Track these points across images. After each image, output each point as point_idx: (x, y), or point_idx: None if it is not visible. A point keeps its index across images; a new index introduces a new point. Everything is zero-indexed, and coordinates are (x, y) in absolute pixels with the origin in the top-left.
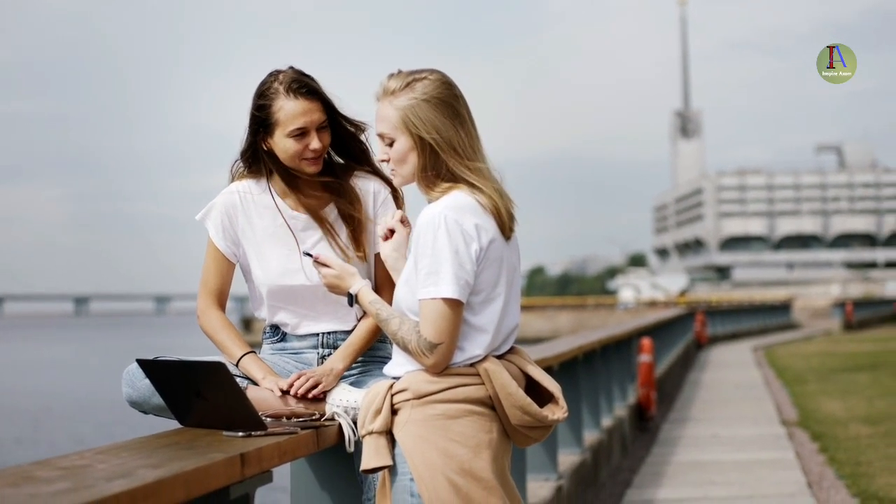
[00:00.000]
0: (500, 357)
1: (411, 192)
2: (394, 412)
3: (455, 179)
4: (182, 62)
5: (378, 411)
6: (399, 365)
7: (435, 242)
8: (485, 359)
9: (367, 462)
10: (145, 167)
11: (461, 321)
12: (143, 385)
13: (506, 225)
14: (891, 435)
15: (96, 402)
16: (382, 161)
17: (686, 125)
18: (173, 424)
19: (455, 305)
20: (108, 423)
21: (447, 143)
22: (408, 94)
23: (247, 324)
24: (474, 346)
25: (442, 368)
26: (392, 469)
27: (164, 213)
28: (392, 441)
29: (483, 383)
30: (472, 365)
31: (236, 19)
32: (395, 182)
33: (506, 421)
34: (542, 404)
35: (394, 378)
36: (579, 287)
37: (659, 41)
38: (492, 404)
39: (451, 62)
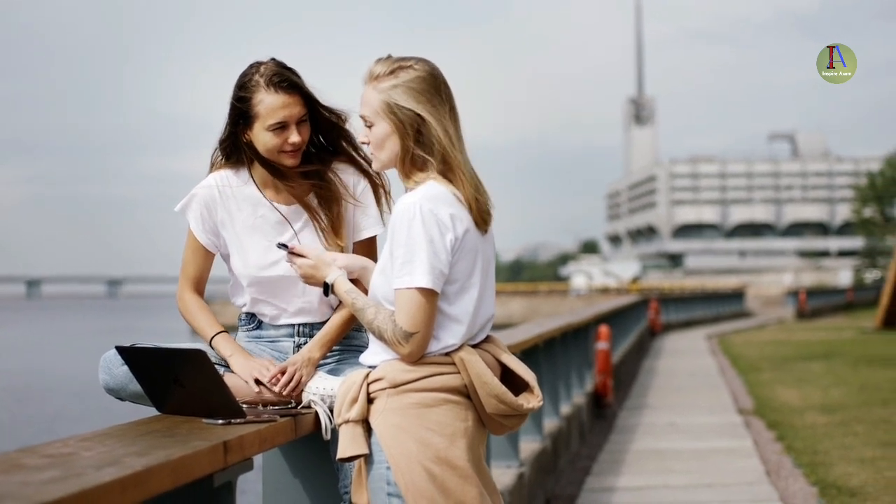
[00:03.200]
0: (475, 346)
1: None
2: (370, 401)
3: (432, 167)
4: (139, 44)
5: (354, 400)
6: (375, 354)
7: (410, 232)
8: (460, 348)
9: (343, 451)
10: (98, 149)
11: (436, 311)
12: (120, 372)
13: (480, 217)
14: (847, 424)
15: (57, 384)
16: (363, 143)
17: (640, 112)
18: (147, 411)
19: (430, 295)
20: (71, 405)
21: (428, 127)
22: (391, 80)
23: None
24: (449, 336)
25: (417, 357)
26: (368, 458)
27: (118, 196)
28: (368, 429)
29: (459, 372)
30: (447, 354)
31: (194, 1)
32: (374, 166)
33: (481, 410)
34: (516, 393)
35: (370, 367)
36: (531, 273)
37: (614, 28)
38: (467, 393)
39: (405, 46)
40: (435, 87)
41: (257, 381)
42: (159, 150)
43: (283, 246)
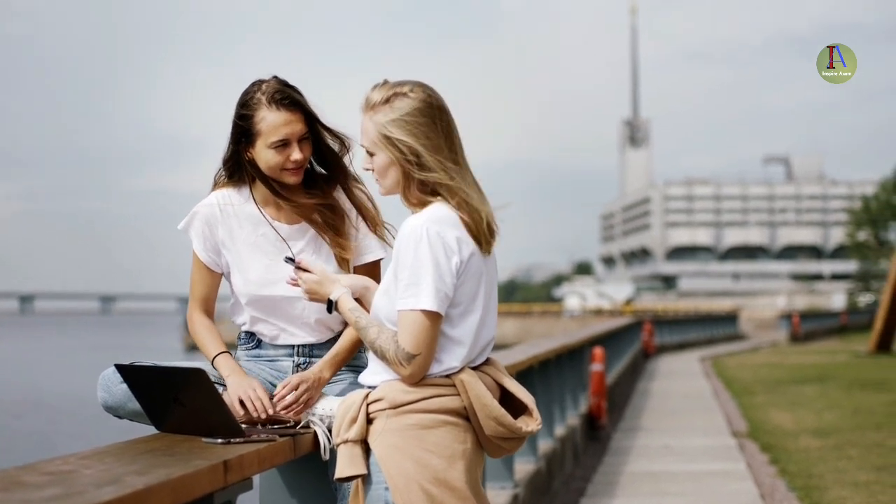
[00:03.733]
0: (475, 368)
1: (393, 204)
2: (369, 421)
3: (437, 192)
4: (134, 58)
5: (353, 420)
6: (375, 374)
7: (416, 254)
8: (461, 370)
9: (341, 471)
10: (93, 164)
11: (439, 333)
12: (119, 390)
13: (484, 240)
14: (840, 448)
15: (52, 400)
16: (367, 169)
17: (634, 134)
18: (144, 429)
19: (434, 317)
20: (66, 422)
21: (426, 159)
22: (387, 111)
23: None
24: (451, 359)
25: (418, 379)
26: (366, 478)
27: (112, 212)
28: (367, 450)
29: (458, 394)
30: (448, 376)
31: (188, 15)
32: (380, 192)
33: (480, 432)
34: (515, 415)
35: (370, 387)
36: (525, 294)
37: (609, 50)
38: (467, 415)
39: (396, 63)
40: (430, 115)
41: (242, 404)
42: (154, 165)
43: (290, 260)
